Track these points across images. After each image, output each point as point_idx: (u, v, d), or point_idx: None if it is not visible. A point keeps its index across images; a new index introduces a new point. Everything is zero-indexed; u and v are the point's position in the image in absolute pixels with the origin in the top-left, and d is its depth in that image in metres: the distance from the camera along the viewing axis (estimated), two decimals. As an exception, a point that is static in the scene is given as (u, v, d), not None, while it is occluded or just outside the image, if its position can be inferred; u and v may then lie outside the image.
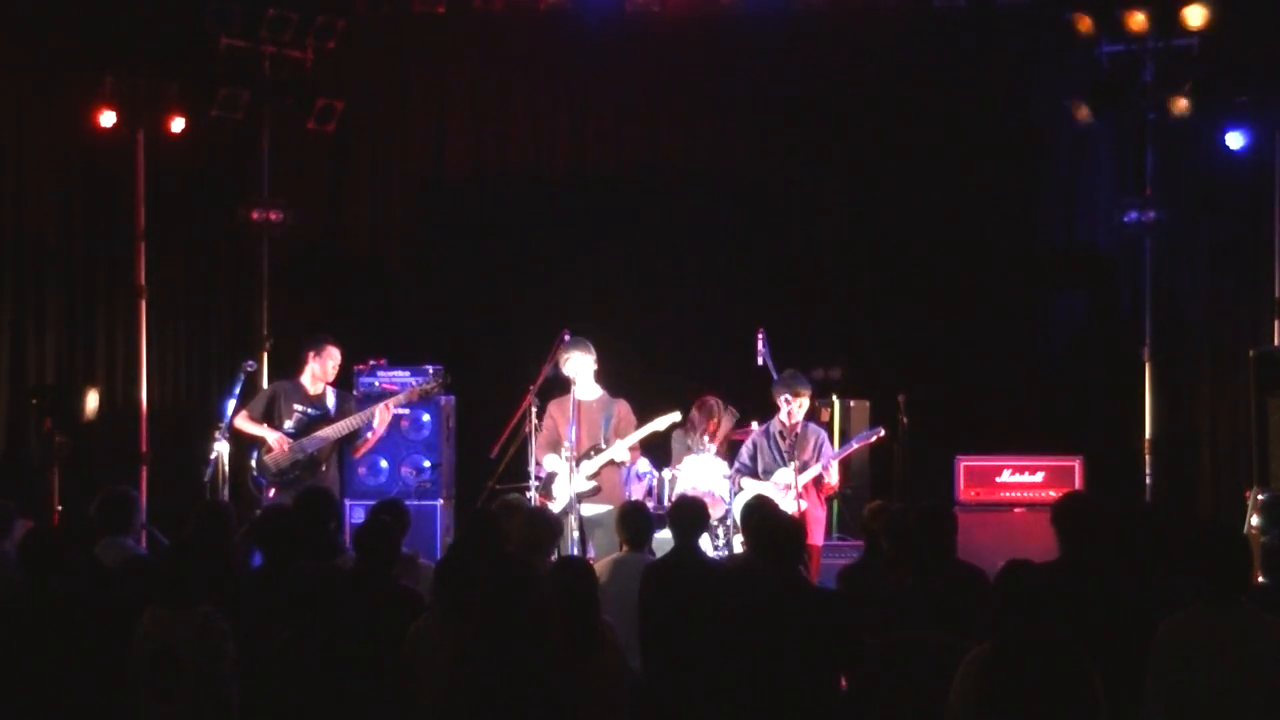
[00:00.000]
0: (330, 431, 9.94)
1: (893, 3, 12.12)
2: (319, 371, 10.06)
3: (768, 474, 10.15)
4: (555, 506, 9.80)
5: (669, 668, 6.82)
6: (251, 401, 10.05)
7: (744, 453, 10.31)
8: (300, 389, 10.07)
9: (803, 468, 9.99)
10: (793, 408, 10.02)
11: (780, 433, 10.09)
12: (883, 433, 10.59)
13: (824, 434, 10.47)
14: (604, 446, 9.95)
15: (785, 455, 10.02)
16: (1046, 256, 12.49)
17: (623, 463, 10.08)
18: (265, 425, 9.91)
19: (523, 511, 7.82)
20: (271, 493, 9.80)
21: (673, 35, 12.33)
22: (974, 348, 12.50)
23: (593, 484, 9.87)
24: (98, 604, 6.37)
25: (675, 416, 10.23)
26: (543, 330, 10.38)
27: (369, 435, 10.13)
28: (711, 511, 9.78)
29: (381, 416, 10.01)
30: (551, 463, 9.92)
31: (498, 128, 12.72)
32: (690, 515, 7.57)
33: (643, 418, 10.36)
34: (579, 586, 6.02)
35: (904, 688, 5.79)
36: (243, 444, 10.01)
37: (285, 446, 9.85)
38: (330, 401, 10.08)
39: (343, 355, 10.22)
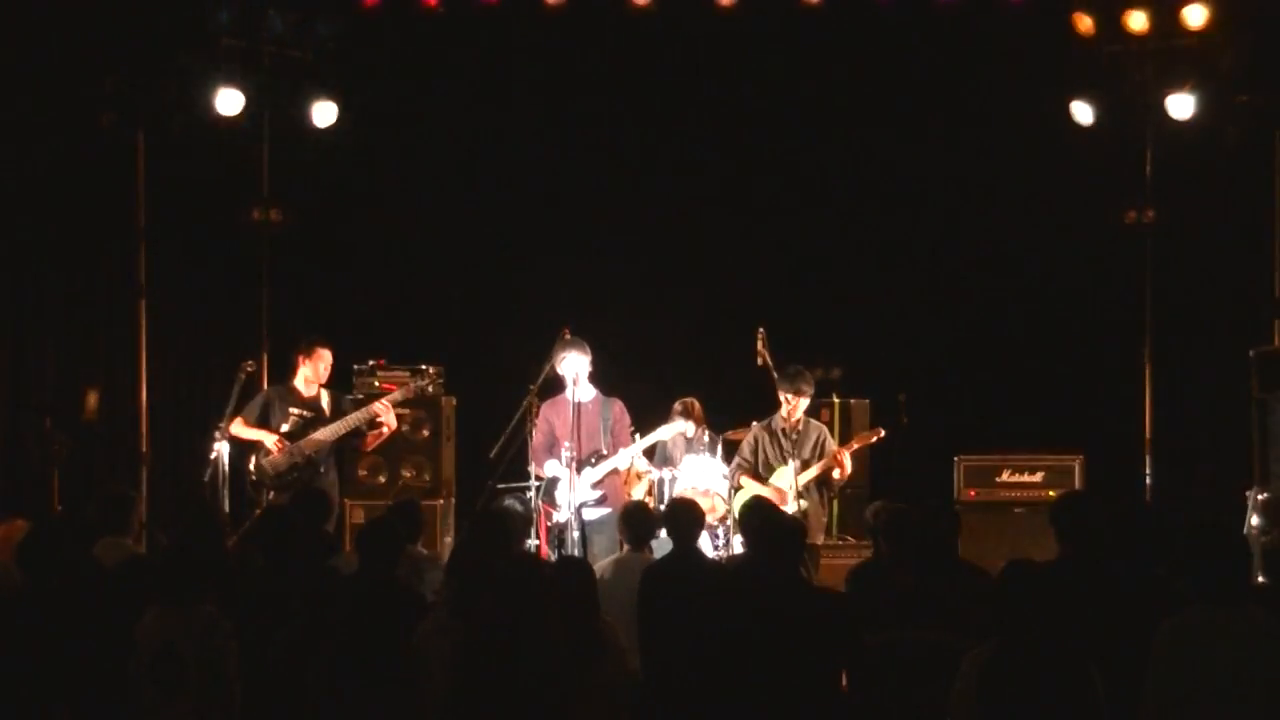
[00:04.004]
0: (328, 433, 9.89)
1: (893, 2, 12.12)
2: (311, 374, 10.00)
3: (768, 470, 10.15)
4: (559, 515, 9.79)
5: (669, 668, 6.82)
6: (246, 407, 10.02)
7: (745, 448, 10.31)
8: (294, 392, 10.02)
9: (804, 466, 10.00)
10: (794, 405, 10.03)
11: (782, 429, 10.10)
12: (882, 433, 10.61)
13: (825, 431, 10.48)
14: (605, 452, 9.92)
15: (786, 453, 10.02)
16: (1046, 256, 12.48)
17: (626, 470, 10.08)
18: (262, 429, 9.89)
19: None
20: (270, 495, 9.77)
21: (673, 33, 12.33)
22: (974, 347, 12.50)
23: (598, 493, 9.84)
24: (98, 604, 6.37)
25: (682, 426, 10.23)
26: (543, 330, 10.38)
27: (375, 432, 10.07)
28: (712, 511, 9.80)
29: (384, 412, 9.94)
30: (552, 468, 9.90)
31: (497, 126, 12.71)
32: (687, 516, 7.57)
33: (641, 417, 10.37)
34: (579, 587, 6.03)
35: (905, 688, 5.79)
36: (241, 447, 10.00)
37: (282, 449, 9.82)
38: (325, 403, 10.04)
39: (338, 355, 10.21)
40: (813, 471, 10.02)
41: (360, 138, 12.32)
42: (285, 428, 9.88)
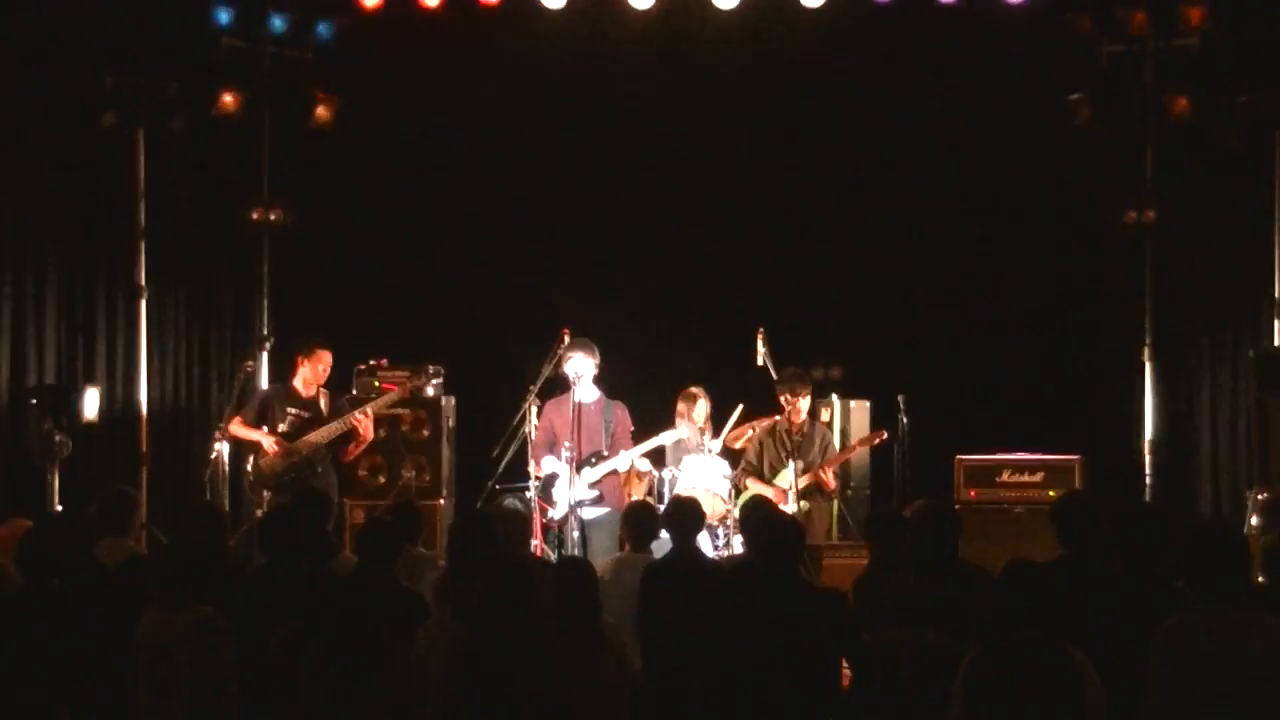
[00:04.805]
0: (321, 434, 9.88)
1: (892, 2, 12.11)
2: (310, 374, 9.99)
3: (774, 472, 10.16)
4: (555, 511, 9.80)
5: (669, 667, 6.82)
6: (245, 407, 10.03)
7: (749, 451, 10.34)
8: (292, 392, 10.02)
9: (806, 468, 10.01)
10: (794, 407, 10.04)
11: (786, 431, 10.11)
12: (884, 435, 10.60)
13: (830, 435, 10.49)
14: (605, 454, 9.93)
15: (789, 455, 10.03)
16: (1046, 256, 12.48)
17: (626, 472, 10.09)
18: (260, 430, 9.88)
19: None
20: (268, 496, 9.76)
21: (673, 33, 12.33)
22: (974, 347, 12.49)
23: (594, 493, 9.86)
24: (98, 604, 6.36)
25: (682, 433, 10.26)
26: (543, 330, 10.39)
27: (355, 440, 10.05)
28: (712, 511, 9.80)
29: (360, 421, 9.92)
30: (550, 464, 9.91)
31: (497, 126, 12.71)
32: (687, 515, 7.58)
33: (641, 418, 10.38)
34: (579, 586, 6.03)
35: (904, 688, 5.79)
36: (240, 447, 10.00)
37: (280, 450, 9.81)
38: (323, 404, 10.03)
39: (338, 356, 10.20)
40: (805, 479, 10.03)
41: (360, 138, 12.33)
42: (283, 428, 9.89)
